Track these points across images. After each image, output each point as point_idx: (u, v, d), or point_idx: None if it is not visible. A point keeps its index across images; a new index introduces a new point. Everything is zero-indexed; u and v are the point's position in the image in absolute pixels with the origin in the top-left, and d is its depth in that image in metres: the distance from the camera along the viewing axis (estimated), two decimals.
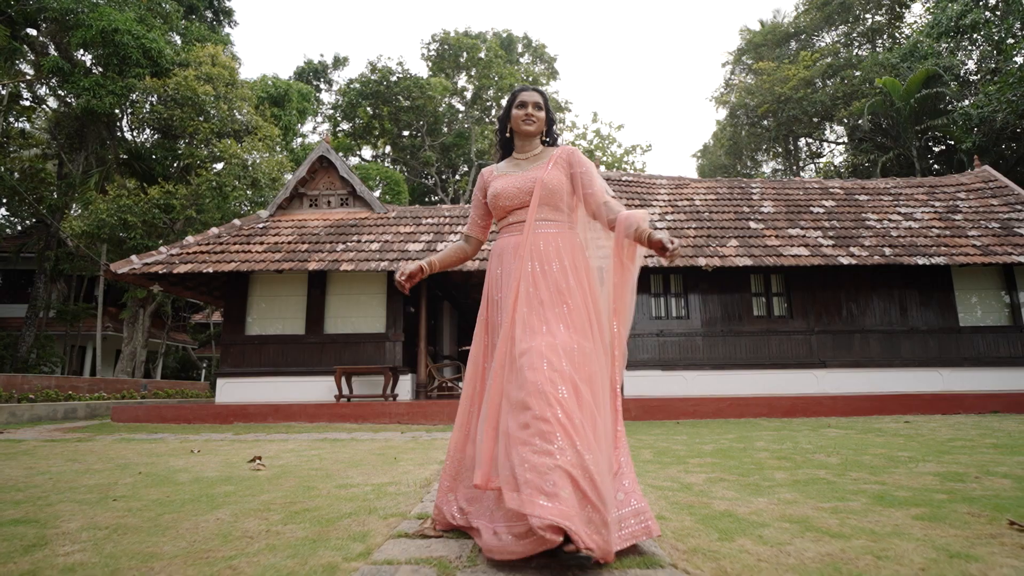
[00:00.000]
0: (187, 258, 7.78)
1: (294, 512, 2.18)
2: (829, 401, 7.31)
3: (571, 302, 1.75)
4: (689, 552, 1.61)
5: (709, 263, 7.92)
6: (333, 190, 9.42)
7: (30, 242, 18.77)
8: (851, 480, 2.73)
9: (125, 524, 2.02)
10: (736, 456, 3.67)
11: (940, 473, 2.86)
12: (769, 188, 10.65)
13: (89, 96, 12.66)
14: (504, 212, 1.96)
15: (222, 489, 2.69)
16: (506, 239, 1.94)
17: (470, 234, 2.15)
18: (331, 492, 2.60)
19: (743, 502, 2.27)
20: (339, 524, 1.98)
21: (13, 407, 7.00)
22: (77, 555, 1.65)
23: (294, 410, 7.04)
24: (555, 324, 1.70)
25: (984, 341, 8.56)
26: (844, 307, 8.71)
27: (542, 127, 2.02)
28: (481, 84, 27.24)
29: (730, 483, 2.72)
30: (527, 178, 1.93)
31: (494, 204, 1.97)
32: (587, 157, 2.21)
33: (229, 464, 3.59)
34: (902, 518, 1.96)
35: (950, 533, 1.76)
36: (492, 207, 1.99)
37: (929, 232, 8.73)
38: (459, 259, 2.14)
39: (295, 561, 1.56)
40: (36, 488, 2.78)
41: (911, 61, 16.84)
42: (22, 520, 2.09)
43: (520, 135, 2.03)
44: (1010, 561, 1.47)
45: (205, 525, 2.00)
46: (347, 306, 8.52)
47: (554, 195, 1.89)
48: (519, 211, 1.93)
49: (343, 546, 1.70)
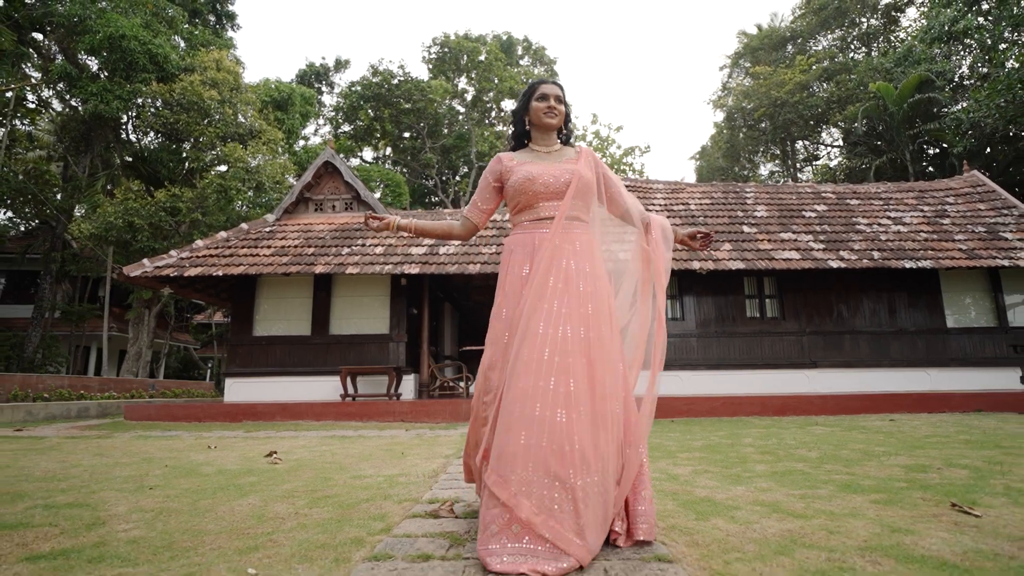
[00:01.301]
0: (197, 261, 8.02)
1: (316, 498, 2.42)
2: (819, 400, 7.54)
3: (596, 305, 1.75)
4: (667, 529, 1.84)
5: (703, 266, 8.16)
6: (338, 195, 9.66)
7: (36, 243, 19.01)
8: (825, 471, 2.97)
9: (167, 508, 2.26)
10: (723, 451, 3.91)
11: (907, 465, 3.10)
12: (763, 192, 10.90)
13: (97, 101, 12.89)
14: (534, 200, 1.87)
15: (246, 480, 2.93)
16: (536, 235, 1.85)
17: (469, 217, 2.04)
18: (347, 482, 2.84)
19: (722, 490, 2.51)
20: (359, 507, 2.22)
21: (29, 406, 7.24)
22: (134, 531, 1.89)
23: (301, 409, 7.28)
24: (581, 324, 1.70)
25: (970, 342, 8.81)
26: (835, 309, 8.95)
27: (563, 120, 2.01)
28: (481, 87, 27.48)
29: (713, 474, 2.95)
30: (563, 169, 1.88)
31: (523, 189, 1.87)
32: None
33: (247, 459, 3.83)
34: (861, 502, 2.20)
35: (899, 514, 2.00)
36: (519, 192, 1.88)
37: (917, 236, 8.98)
38: (443, 235, 2.06)
39: (325, 536, 1.80)
40: (75, 479, 3.01)
41: (905, 66, 17.11)
42: (75, 504, 2.33)
43: (540, 128, 1.99)
44: (941, 534, 1.72)
45: (239, 508, 2.24)
46: (352, 308, 8.77)
47: (588, 191, 1.88)
48: (549, 203, 1.86)
49: (365, 524, 1.94)
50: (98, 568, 1.50)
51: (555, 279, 1.74)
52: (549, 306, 1.69)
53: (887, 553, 1.54)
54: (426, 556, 1.56)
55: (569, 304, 1.70)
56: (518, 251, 1.87)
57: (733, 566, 1.46)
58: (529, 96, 1.99)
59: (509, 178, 1.92)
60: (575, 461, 1.51)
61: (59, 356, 18.29)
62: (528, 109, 1.99)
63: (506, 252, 1.93)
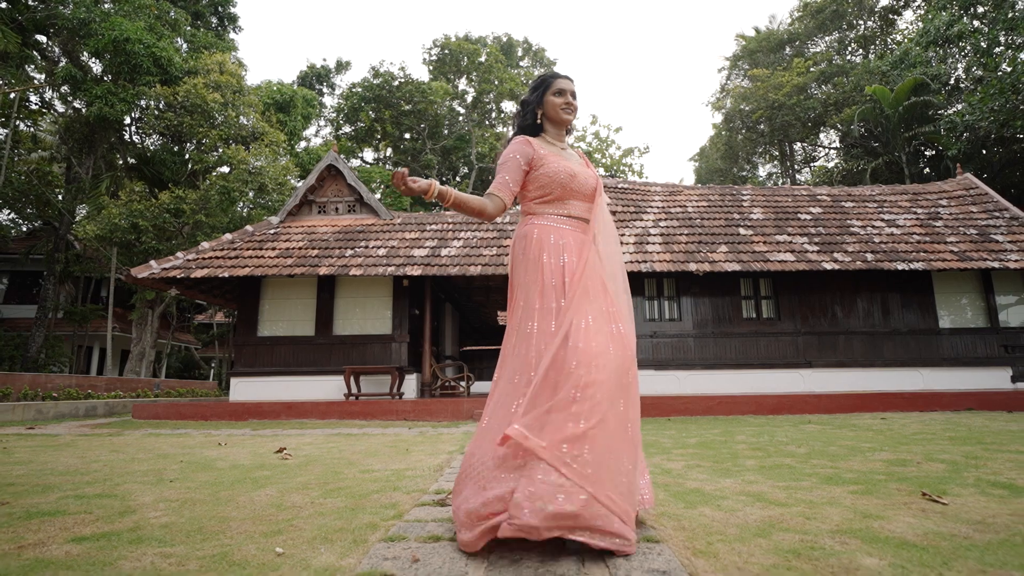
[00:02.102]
0: (203, 263, 8.17)
1: (329, 490, 2.57)
2: (814, 399, 7.70)
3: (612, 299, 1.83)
4: (658, 516, 2.00)
5: (700, 268, 8.32)
6: (341, 197, 9.82)
7: (39, 244, 19.16)
8: (811, 466, 3.12)
9: (191, 498, 2.41)
10: (716, 448, 4.06)
11: (889, 460, 3.26)
12: (759, 195, 11.06)
13: (102, 104, 13.04)
14: (568, 195, 1.88)
15: (260, 474, 3.08)
16: (564, 231, 1.87)
17: (497, 194, 1.87)
18: (356, 476, 2.99)
19: (711, 482, 2.67)
20: (370, 498, 2.38)
21: (39, 405, 7.39)
22: (164, 518, 2.04)
23: (306, 407, 7.43)
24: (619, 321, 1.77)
25: (962, 342, 8.97)
26: (829, 310, 9.12)
27: (575, 117, 2.01)
28: (482, 88, 27.64)
29: (705, 468, 3.11)
30: (590, 173, 1.94)
31: (562, 183, 1.87)
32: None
33: (257, 455, 3.98)
34: (840, 493, 2.36)
35: (873, 503, 2.15)
36: (556, 184, 1.87)
37: (910, 238, 9.14)
38: (477, 211, 1.85)
39: (342, 521, 1.95)
40: (96, 473, 3.16)
41: (901, 69, 17.29)
42: (103, 495, 2.49)
43: (556, 123, 1.98)
44: (908, 519, 1.87)
45: (258, 498, 2.39)
46: (355, 309, 8.92)
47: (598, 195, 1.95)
48: (579, 203, 1.90)
49: (378, 512, 2.10)
50: (139, 548, 1.66)
51: (593, 281, 1.77)
52: (599, 305, 1.73)
53: (855, 535, 1.70)
54: (436, 537, 1.72)
55: (607, 302, 1.76)
56: (548, 241, 1.83)
57: (715, 546, 1.61)
58: (545, 89, 1.95)
59: (541, 166, 1.87)
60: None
61: (62, 356, 18.44)
62: (543, 103, 1.95)
63: (529, 241, 1.86)
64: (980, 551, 1.52)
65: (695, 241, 9.19)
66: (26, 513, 2.13)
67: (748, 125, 24.17)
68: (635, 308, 8.99)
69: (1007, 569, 1.39)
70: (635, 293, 9.07)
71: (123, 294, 18.84)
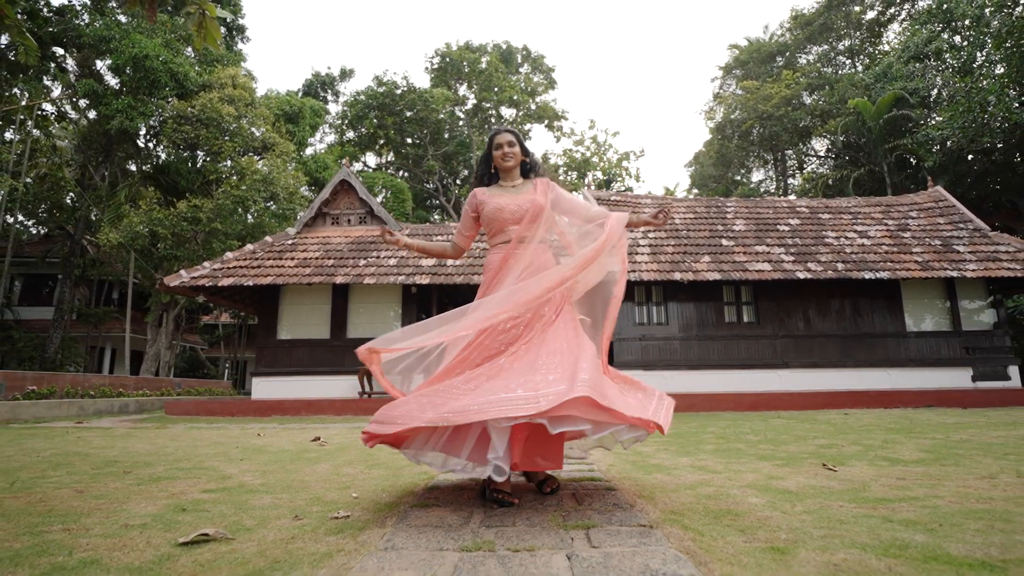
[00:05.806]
0: (228, 272, 8.89)
1: (370, 465, 3.29)
2: (788, 397, 8.43)
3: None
4: (620, 478, 2.72)
5: (684, 277, 9.05)
6: (353, 209, 10.54)
7: (54, 248, 19.85)
8: (756, 449, 3.84)
9: (266, 470, 3.12)
10: (687, 437, 4.78)
11: (822, 445, 3.98)
12: (742, 207, 11.80)
13: (122, 117, 13.74)
14: (502, 226, 2.35)
15: (309, 455, 3.80)
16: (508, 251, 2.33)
17: (456, 242, 2.56)
18: (388, 457, 3.70)
19: (671, 460, 3.39)
20: (404, 471, 3.09)
21: (81, 402, 8.10)
22: (257, 480, 2.76)
23: (323, 405, 8.14)
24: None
25: (928, 344, 9.72)
26: (805, 314, 9.86)
27: (519, 160, 2.45)
28: (482, 95, 28.36)
29: (671, 452, 3.83)
30: (524, 199, 2.36)
31: (495, 217, 2.35)
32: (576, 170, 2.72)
33: (296, 442, 4.69)
34: (765, 466, 3.08)
35: (784, 471, 2.87)
36: (492, 220, 2.36)
37: (879, 248, 9.88)
38: (439, 254, 2.63)
39: (389, 483, 2.67)
40: (173, 454, 3.87)
41: (884, 82, 18.06)
42: (197, 467, 3.20)
43: (502, 169, 2.46)
44: (799, 479, 2.59)
45: (317, 470, 3.10)
46: (367, 313, 9.65)
47: (544, 216, 2.34)
48: (514, 227, 2.34)
49: (413, 478, 2.81)
50: (256, 495, 2.37)
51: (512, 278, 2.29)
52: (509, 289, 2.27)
53: (755, 487, 2.42)
54: (461, 488, 2.44)
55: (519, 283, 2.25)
56: (493, 263, 2.40)
57: (655, 495, 2.33)
58: (489, 147, 2.48)
59: (483, 210, 2.39)
60: None
61: (77, 356, 19.13)
62: (492, 157, 2.47)
63: (486, 265, 2.49)
64: (830, 494, 2.25)
65: (680, 251, 9.92)
66: (150, 477, 2.85)
67: (739, 133, 24.96)
68: (624, 313, 9.72)
69: (840, 502, 2.11)
70: (625, 299, 9.79)
71: (136, 297, 19.52)
